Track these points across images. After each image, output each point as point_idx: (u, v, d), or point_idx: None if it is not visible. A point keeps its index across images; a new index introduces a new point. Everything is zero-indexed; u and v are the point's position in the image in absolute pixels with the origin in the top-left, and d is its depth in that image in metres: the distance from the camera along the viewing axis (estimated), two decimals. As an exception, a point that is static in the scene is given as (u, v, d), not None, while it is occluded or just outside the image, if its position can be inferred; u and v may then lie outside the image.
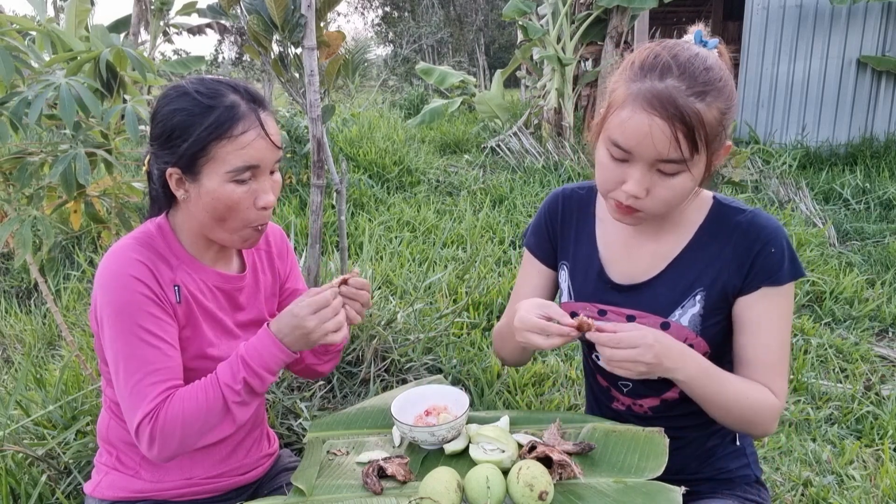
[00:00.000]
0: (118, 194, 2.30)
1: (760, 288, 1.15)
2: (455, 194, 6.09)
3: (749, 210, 1.19)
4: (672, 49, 1.05)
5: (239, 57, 19.79)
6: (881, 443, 2.33)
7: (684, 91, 1.01)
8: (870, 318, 3.46)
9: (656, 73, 1.03)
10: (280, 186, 1.24)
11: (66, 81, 1.86)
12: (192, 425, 1.11)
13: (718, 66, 1.05)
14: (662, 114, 1.00)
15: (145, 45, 8.27)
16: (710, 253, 1.19)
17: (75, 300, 3.41)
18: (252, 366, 1.14)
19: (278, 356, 1.16)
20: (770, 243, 1.14)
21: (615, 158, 1.08)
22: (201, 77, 1.19)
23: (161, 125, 1.16)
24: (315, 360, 1.41)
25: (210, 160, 1.13)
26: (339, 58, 2.38)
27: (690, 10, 13.23)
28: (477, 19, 20.32)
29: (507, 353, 1.38)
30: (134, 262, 1.15)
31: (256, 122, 1.15)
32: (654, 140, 1.01)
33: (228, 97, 1.15)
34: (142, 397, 1.11)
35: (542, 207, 1.39)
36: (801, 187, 5.64)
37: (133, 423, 1.11)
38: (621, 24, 7.13)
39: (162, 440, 1.11)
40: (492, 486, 1.02)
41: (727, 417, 1.15)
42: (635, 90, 1.03)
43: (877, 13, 7.43)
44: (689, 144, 1.02)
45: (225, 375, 1.14)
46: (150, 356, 1.13)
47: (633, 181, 1.07)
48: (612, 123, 1.07)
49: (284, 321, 1.15)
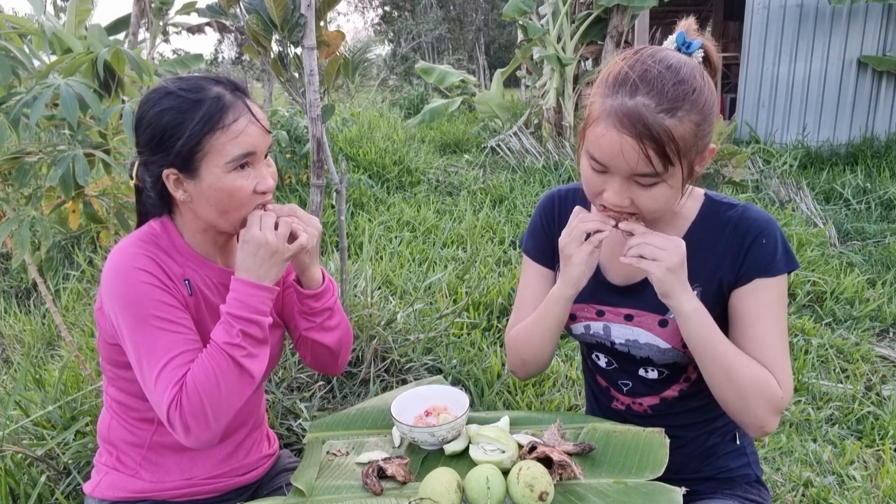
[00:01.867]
0: (117, 194, 2.30)
1: (754, 280, 1.15)
2: (455, 194, 6.09)
3: (740, 205, 1.20)
4: (644, 63, 1.04)
5: (238, 56, 19.80)
6: (882, 443, 2.33)
7: (653, 108, 1.00)
8: (870, 318, 3.46)
9: (626, 89, 1.03)
10: (276, 172, 1.24)
11: (64, 82, 1.86)
12: (214, 396, 1.10)
13: (692, 77, 1.03)
14: (632, 132, 1.01)
15: (145, 44, 8.26)
16: (703, 249, 1.19)
17: (74, 300, 3.41)
18: (242, 316, 1.13)
19: (261, 295, 1.15)
20: (762, 235, 1.15)
21: (595, 170, 1.10)
22: (179, 76, 1.19)
23: (150, 129, 1.15)
24: (307, 324, 1.34)
25: (206, 154, 1.13)
26: (339, 57, 2.38)
27: (690, 10, 13.23)
28: (477, 19, 20.33)
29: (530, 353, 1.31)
30: (139, 256, 1.15)
31: (245, 109, 1.15)
32: (626, 157, 1.02)
33: (212, 89, 1.14)
34: (165, 385, 1.10)
35: (537, 210, 1.39)
36: (801, 187, 5.63)
37: (164, 415, 1.10)
38: (621, 24, 7.13)
39: (194, 421, 1.09)
40: (492, 487, 1.02)
41: (728, 386, 1.11)
42: (608, 107, 1.04)
43: (877, 13, 7.43)
44: (661, 160, 1.02)
45: (221, 336, 1.13)
46: (168, 342, 1.12)
47: (611, 192, 1.08)
48: (589, 137, 1.09)
49: (241, 256, 1.15)
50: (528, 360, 1.32)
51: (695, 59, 1.08)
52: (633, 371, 1.29)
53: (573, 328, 1.31)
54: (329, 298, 1.34)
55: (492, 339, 3.00)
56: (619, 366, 1.30)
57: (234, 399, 1.13)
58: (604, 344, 1.28)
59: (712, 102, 1.07)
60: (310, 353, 1.41)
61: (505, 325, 3.12)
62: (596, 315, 1.27)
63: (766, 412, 1.11)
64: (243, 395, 1.15)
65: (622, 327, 1.24)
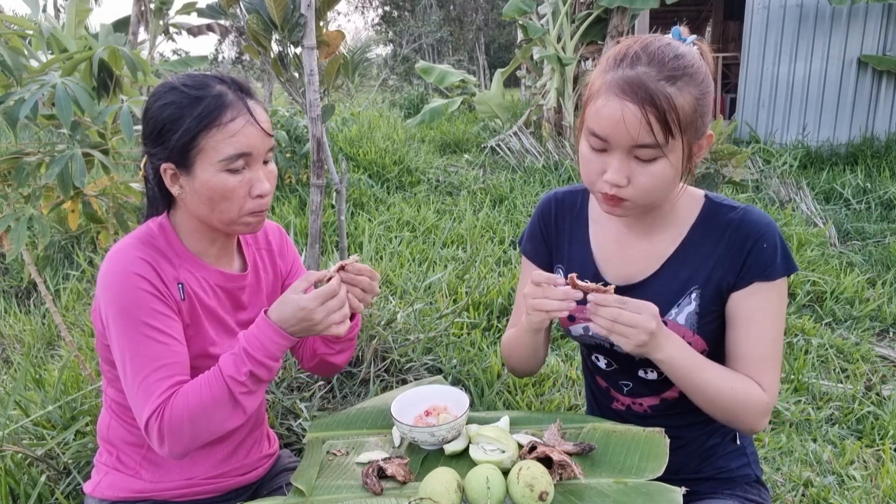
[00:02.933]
0: (116, 194, 2.30)
1: (753, 283, 1.15)
2: (455, 194, 6.09)
3: (741, 207, 1.20)
4: (644, 40, 1.09)
5: (239, 57, 19.80)
6: (882, 443, 2.33)
7: (654, 76, 1.03)
8: (870, 318, 3.46)
9: (628, 61, 1.06)
10: (275, 176, 1.23)
11: (61, 81, 1.86)
12: (199, 420, 1.10)
13: (691, 55, 1.07)
14: (633, 98, 1.03)
15: (145, 44, 8.25)
16: (703, 251, 1.19)
17: (74, 300, 3.41)
18: (256, 357, 1.13)
19: (281, 344, 1.14)
20: (762, 238, 1.15)
21: (595, 149, 1.10)
22: (188, 73, 1.19)
23: (152, 122, 1.16)
24: (327, 350, 1.39)
25: (201, 150, 1.13)
26: (339, 57, 2.38)
27: (691, 10, 13.24)
28: (477, 18, 20.33)
29: (518, 359, 1.37)
30: (136, 259, 1.15)
31: (245, 110, 1.15)
32: (628, 125, 1.03)
33: (215, 87, 1.15)
34: (148, 394, 1.10)
35: (535, 212, 1.39)
36: (801, 187, 5.63)
37: (142, 421, 1.11)
38: (622, 24, 7.13)
39: (171, 437, 1.10)
40: (492, 487, 1.02)
41: (712, 407, 1.15)
42: (609, 79, 1.06)
43: (877, 13, 7.43)
44: (662, 128, 1.03)
45: (228, 368, 1.13)
46: (156, 352, 1.12)
47: (612, 169, 1.08)
48: (589, 114, 1.10)
49: (289, 311, 1.13)
50: (516, 367, 1.40)
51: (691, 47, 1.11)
52: (632, 372, 1.29)
53: (572, 329, 1.31)
54: (353, 331, 1.37)
55: (492, 339, 3.00)
56: (619, 367, 1.30)
57: (216, 428, 1.13)
58: (603, 345, 1.28)
59: (710, 83, 1.09)
60: (314, 364, 1.44)
61: (505, 324, 3.13)
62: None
63: (753, 419, 1.16)
64: (227, 427, 1.15)
65: None
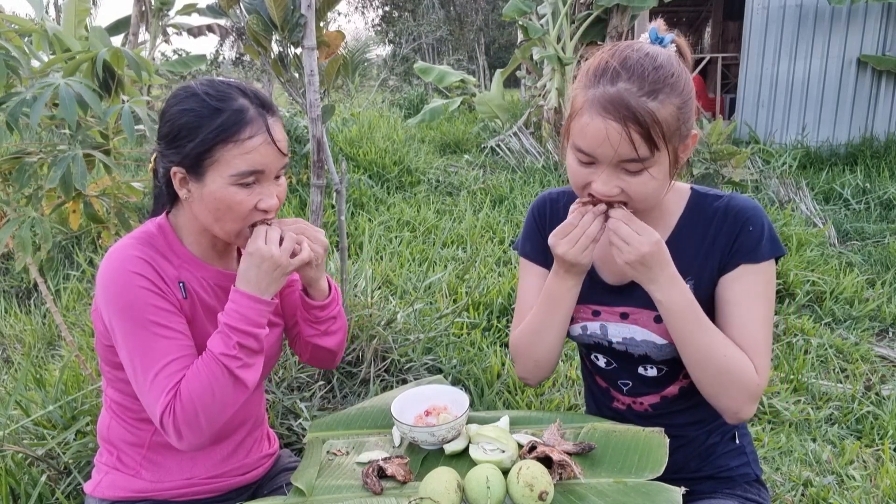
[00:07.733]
0: (117, 194, 2.30)
1: (740, 265, 1.16)
2: (455, 194, 6.09)
3: (725, 195, 1.21)
4: (622, 52, 1.08)
5: (239, 57, 19.77)
6: (881, 443, 2.33)
7: (635, 92, 1.03)
8: (870, 318, 3.46)
9: (608, 77, 1.05)
10: (285, 191, 1.23)
11: (64, 81, 1.86)
12: (208, 405, 1.11)
13: (669, 63, 1.07)
14: (616, 116, 1.03)
15: (145, 45, 8.25)
16: (694, 242, 1.20)
17: (75, 300, 3.41)
18: (240, 328, 1.14)
19: (260, 308, 1.16)
20: (748, 222, 1.16)
21: (582, 162, 1.11)
22: (211, 79, 1.19)
23: (169, 124, 1.16)
24: (313, 332, 1.37)
25: (215, 162, 1.13)
26: (339, 58, 2.38)
27: (690, 10, 13.23)
28: (477, 19, 20.31)
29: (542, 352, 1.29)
30: (134, 258, 1.15)
31: (264, 128, 1.14)
32: (612, 143, 1.04)
33: (237, 101, 1.14)
34: (159, 391, 1.11)
35: (529, 213, 1.39)
36: (801, 187, 5.63)
37: (156, 420, 1.11)
38: (621, 24, 7.13)
39: (187, 427, 1.11)
40: (492, 487, 1.02)
41: (703, 373, 1.14)
42: (591, 96, 1.06)
43: (877, 13, 7.43)
44: (647, 143, 1.04)
45: (218, 346, 1.14)
46: (163, 348, 1.13)
47: (600, 182, 1.09)
48: (574, 130, 1.10)
49: (252, 271, 1.15)
50: (541, 358, 1.29)
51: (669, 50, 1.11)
52: (632, 370, 1.29)
53: (571, 329, 1.32)
54: (334, 307, 1.37)
55: (492, 339, 3.01)
56: (619, 365, 1.31)
57: (227, 407, 1.14)
58: (601, 344, 1.28)
59: (690, 87, 1.10)
60: (308, 353, 1.43)
61: (505, 324, 3.13)
62: (592, 315, 1.28)
63: (742, 397, 1.13)
64: (236, 403, 1.16)
65: (618, 326, 1.25)
